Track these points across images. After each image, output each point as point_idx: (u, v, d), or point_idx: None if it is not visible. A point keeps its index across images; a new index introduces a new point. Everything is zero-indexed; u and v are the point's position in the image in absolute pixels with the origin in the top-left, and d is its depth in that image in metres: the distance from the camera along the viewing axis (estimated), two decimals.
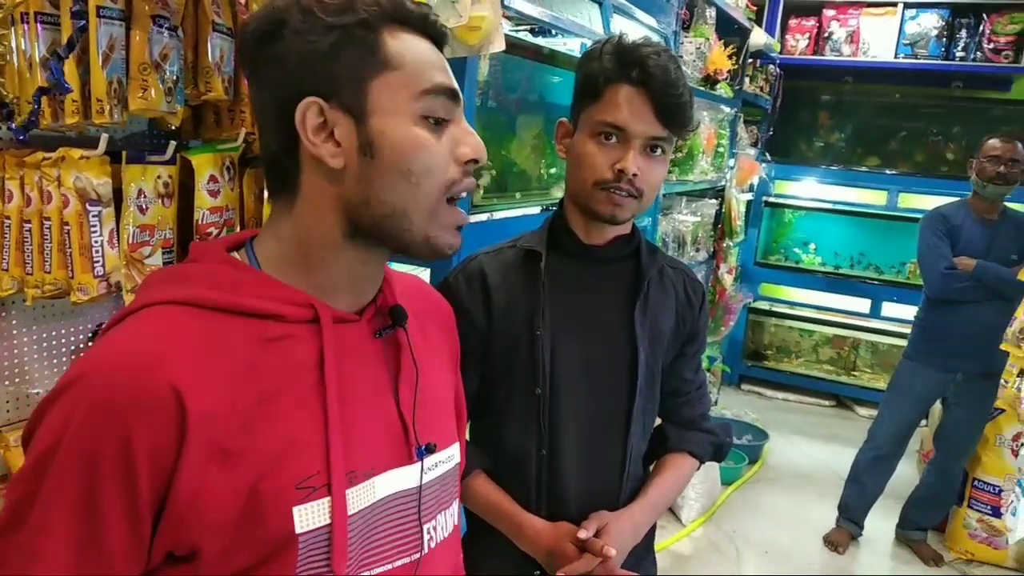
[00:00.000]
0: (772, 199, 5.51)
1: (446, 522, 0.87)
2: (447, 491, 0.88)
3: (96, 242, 1.11)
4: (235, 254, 0.79)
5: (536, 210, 2.11)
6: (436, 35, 0.77)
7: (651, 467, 1.39)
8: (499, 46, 1.61)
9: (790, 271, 5.56)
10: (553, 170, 2.33)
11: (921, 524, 3.45)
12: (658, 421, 1.40)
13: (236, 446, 0.66)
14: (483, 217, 1.85)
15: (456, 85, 0.76)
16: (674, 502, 3.29)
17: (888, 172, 5.30)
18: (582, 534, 1.17)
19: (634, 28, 2.65)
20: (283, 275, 0.75)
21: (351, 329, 0.78)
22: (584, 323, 1.26)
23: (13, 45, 1.08)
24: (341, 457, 0.71)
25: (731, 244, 4.48)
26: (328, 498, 0.70)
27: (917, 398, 3.30)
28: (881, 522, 3.49)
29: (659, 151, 1.18)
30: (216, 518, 0.65)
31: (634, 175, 1.15)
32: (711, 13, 3.63)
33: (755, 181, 4.95)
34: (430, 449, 0.82)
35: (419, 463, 0.81)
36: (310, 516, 0.69)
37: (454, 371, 1.00)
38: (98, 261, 1.11)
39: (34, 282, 1.12)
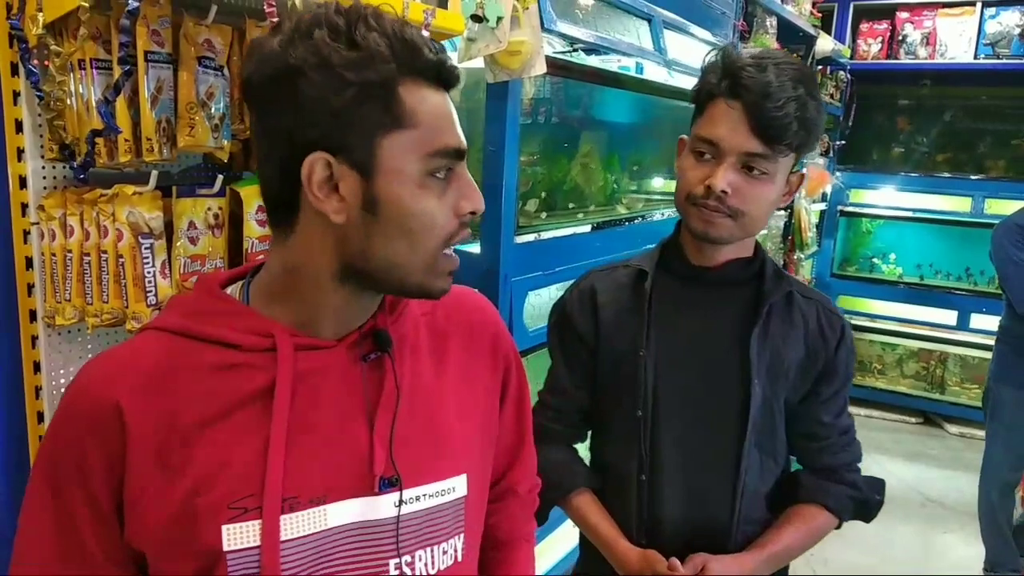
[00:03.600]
0: (848, 208, 5.32)
1: (435, 558, 0.82)
2: (437, 525, 0.82)
3: (148, 273, 1.17)
4: (237, 284, 0.82)
5: (587, 228, 2.10)
6: (450, 81, 0.75)
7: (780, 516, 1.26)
8: (540, 69, 1.63)
9: (869, 282, 5.34)
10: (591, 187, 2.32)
11: None
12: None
13: (176, 461, 0.71)
14: (530, 238, 1.86)
15: (463, 141, 0.75)
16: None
17: (972, 177, 5.06)
18: (671, 566, 1.13)
19: (688, 43, 2.62)
20: (266, 306, 0.78)
21: (324, 355, 0.77)
22: (691, 348, 1.21)
23: (71, 90, 1.16)
24: (277, 482, 0.72)
25: (802, 256, 4.35)
26: (259, 520, 0.71)
27: None
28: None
29: (757, 171, 1.10)
30: (152, 525, 0.71)
31: (724, 192, 1.09)
32: (772, 22, 3.56)
33: (827, 190, 4.80)
34: (392, 483, 0.77)
35: (396, 493, 0.78)
36: (239, 536, 0.71)
37: (485, 395, 0.93)
38: (150, 291, 1.17)
39: (93, 311, 1.19)
